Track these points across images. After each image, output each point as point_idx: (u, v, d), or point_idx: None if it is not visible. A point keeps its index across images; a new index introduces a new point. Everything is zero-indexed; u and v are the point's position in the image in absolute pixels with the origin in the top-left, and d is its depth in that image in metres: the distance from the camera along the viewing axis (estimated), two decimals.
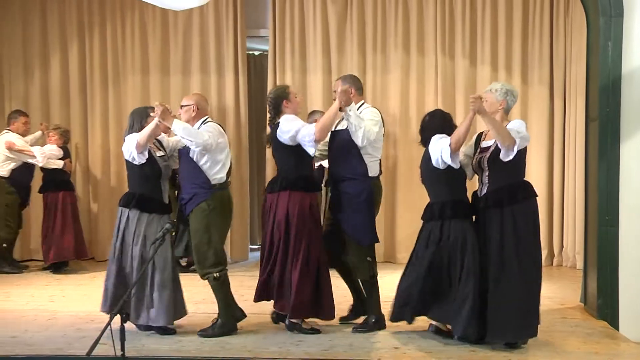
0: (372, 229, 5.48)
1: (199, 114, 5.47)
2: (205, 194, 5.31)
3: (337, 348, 5.06)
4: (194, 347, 5.11)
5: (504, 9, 8.57)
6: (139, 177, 5.41)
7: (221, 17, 8.93)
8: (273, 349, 5.05)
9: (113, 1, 9.04)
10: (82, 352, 4.23)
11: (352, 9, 8.77)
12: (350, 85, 5.46)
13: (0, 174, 8.16)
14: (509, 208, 4.92)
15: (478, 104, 4.81)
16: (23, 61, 9.14)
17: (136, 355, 4.77)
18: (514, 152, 4.86)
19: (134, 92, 9.01)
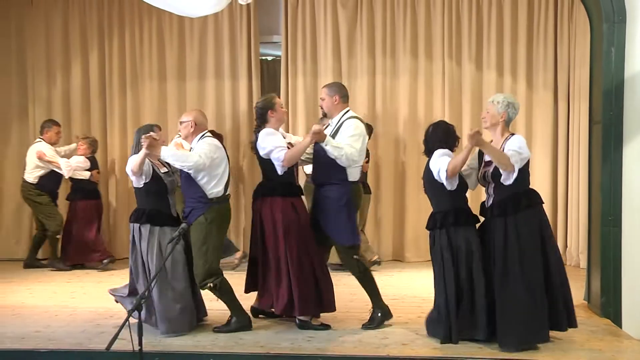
0: (352, 231, 5.51)
1: (197, 129, 5.50)
2: (202, 207, 5.36)
3: (346, 344, 5.06)
4: (209, 342, 5.13)
5: (509, 15, 8.53)
6: (145, 194, 5.46)
7: (235, 24, 8.94)
8: (285, 345, 5.06)
9: (132, 9, 9.07)
10: (102, 347, 4.24)
11: (362, 14, 8.76)
12: (334, 94, 5.56)
13: (29, 180, 8.24)
14: (512, 217, 4.91)
15: (477, 138, 4.77)
16: (46, 67, 9.19)
17: (153, 350, 4.79)
18: (515, 174, 4.88)
19: (152, 97, 9.05)
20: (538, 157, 8.49)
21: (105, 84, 9.20)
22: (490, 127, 5.14)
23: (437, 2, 8.65)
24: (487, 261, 4.99)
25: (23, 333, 5.43)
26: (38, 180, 8.23)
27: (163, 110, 9.08)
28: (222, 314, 5.60)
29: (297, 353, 4.87)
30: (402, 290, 6.85)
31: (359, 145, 5.39)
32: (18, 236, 9.19)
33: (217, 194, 5.40)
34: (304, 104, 8.84)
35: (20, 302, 6.60)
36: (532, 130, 8.56)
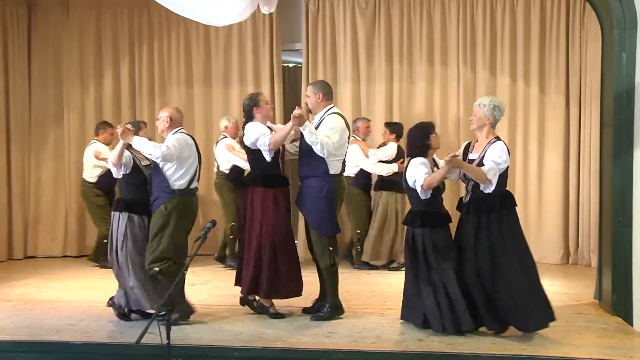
0: (332, 222, 5.53)
1: (172, 124, 5.63)
2: (165, 197, 5.46)
3: (365, 339, 5.04)
4: (233, 337, 5.13)
5: (522, 23, 8.47)
6: (125, 184, 5.65)
7: (258, 32, 8.97)
8: (306, 340, 5.05)
9: (160, 19, 9.13)
10: (132, 340, 4.25)
11: (380, 23, 8.75)
12: (318, 91, 5.60)
13: (89, 180, 8.32)
14: (485, 216, 5.01)
15: (454, 162, 4.91)
16: (80, 76, 9.26)
17: (179, 343, 4.80)
18: (493, 186, 4.97)
19: (179, 102, 9.07)
20: (550, 160, 8.43)
21: (135, 91, 9.27)
22: (477, 129, 5.21)
23: (452, 10, 8.62)
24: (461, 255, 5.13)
25: (59, 326, 5.48)
26: (97, 179, 8.29)
27: (190, 115, 9.12)
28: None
29: (318, 348, 4.86)
30: None
31: (336, 137, 5.40)
32: (54, 234, 9.28)
33: (180, 186, 5.49)
34: None
35: (56, 296, 6.66)
36: (545, 134, 8.48)
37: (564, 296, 6.54)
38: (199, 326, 5.45)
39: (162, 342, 3.84)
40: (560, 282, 7.24)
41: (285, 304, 5.86)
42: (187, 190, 5.54)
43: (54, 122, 9.28)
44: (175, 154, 5.38)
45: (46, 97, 9.27)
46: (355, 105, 8.81)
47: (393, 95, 8.77)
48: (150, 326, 3.78)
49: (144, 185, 5.62)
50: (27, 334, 5.29)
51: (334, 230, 5.55)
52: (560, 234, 8.45)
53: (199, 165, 5.68)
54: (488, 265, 4.98)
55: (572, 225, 8.43)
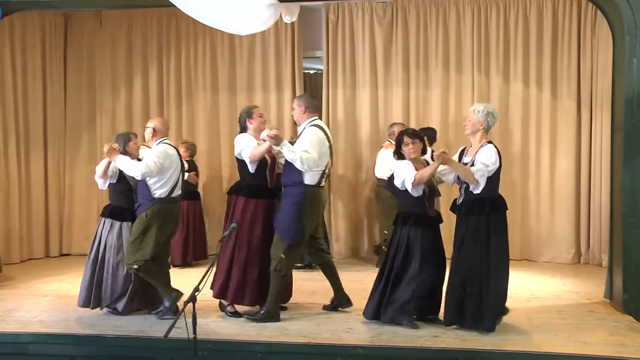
0: (295, 230, 5.38)
1: (156, 135, 5.70)
2: (147, 205, 5.53)
3: (383, 335, 5.01)
4: (256, 332, 5.14)
5: (535, 30, 8.40)
6: (113, 192, 5.82)
7: (281, 40, 8.98)
8: (326, 335, 5.04)
9: (187, 28, 9.17)
10: (160, 334, 4.28)
11: (397, 31, 8.72)
12: (302, 105, 5.57)
13: None
14: (475, 217, 5.03)
15: (442, 157, 5.00)
16: (111, 82, 9.34)
17: (205, 338, 4.81)
18: (481, 186, 5.00)
19: (205, 108, 9.14)
20: (562, 163, 8.35)
21: (164, 97, 9.32)
22: (471, 134, 5.23)
23: (467, 18, 8.57)
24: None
25: (93, 320, 5.52)
26: None
27: (215, 120, 9.17)
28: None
29: (337, 343, 4.85)
30: None
31: (314, 151, 5.34)
32: (87, 232, 9.33)
33: (161, 195, 5.55)
34: (343, 113, 8.84)
35: None
36: (557, 137, 8.40)
37: (576, 295, 6.48)
38: (224, 322, 5.46)
39: (189, 337, 3.85)
40: (571, 281, 7.16)
41: (307, 302, 5.88)
42: (168, 199, 5.60)
43: (87, 126, 9.36)
44: (155, 170, 5.45)
45: (80, 102, 9.37)
46: (373, 110, 8.78)
47: (410, 100, 8.74)
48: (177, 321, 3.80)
49: (131, 194, 5.73)
50: (63, 327, 5.35)
51: (293, 238, 5.38)
52: (571, 235, 8.37)
53: (181, 175, 5.75)
54: (472, 264, 5.00)
55: (583, 226, 8.33)
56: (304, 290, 6.57)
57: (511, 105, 8.50)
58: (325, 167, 5.56)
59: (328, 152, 5.58)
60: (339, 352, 4.76)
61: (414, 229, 5.17)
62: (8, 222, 8.32)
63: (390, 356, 4.73)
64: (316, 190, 5.50)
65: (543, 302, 6.16)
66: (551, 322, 5.41)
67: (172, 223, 5.69)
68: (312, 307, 5.90)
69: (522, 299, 6.23)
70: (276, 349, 4.84)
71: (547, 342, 4.79)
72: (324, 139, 5.50)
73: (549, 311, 5.79)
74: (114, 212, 5.73)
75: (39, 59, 8.91)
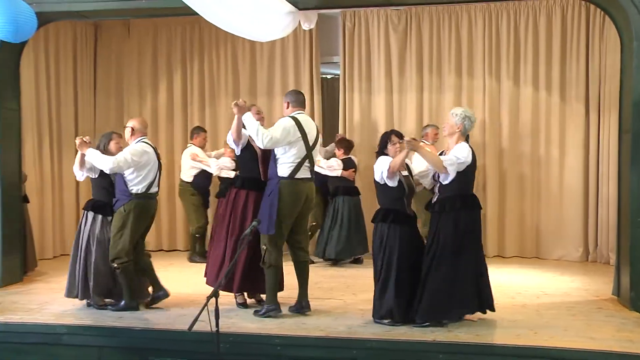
0: (269, 222, 5.29)
1: (135, 134, 5.77)
2: (124, 200, 5.62)
3: (397, 330, 4.99)
4: (275, 325, 5.14)
5: (544, 35, 8.31)
6: (95, 187, 5.88)
7: (299, 46, 8.98)
8: (342, 329, 5.03)
9: (210, 35, 9.21)
10: (184, 327, 4.30)
11: (411, 37, 8.68)
12: (287, 100, 5.63)
13: (185, 180, 8.38)
14: (445, 214, 5.03)
15: (412, 144, 4.97)
16: (138, 87, 9.40)
17: (227, 331, 4.83)
18: (450, 176, 5.03)
19: (227, 111, 9.14)
20: (571, 164, 8.27)
21: (187, 101, 9.36)
22: (448, 136, 5.23)
23: (478, 25, 8.51)
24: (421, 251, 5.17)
25: (120, 313, 5.56)
26: (193, 179, 8.35)
27: None
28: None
29: (353, 337, 4.84)
30: None
31: (276, 133, 5.29)
32: None
33: (138, 190, 5.62)
34: (359, 116, 8.82)
35: None
36: (566, 140, 8.31)
37: (584, 292, 6.41)
38: (245, 316, 5.48)
39: (212, 330, 3.86)
40: (580, 279, 7.08)
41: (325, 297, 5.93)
42: (145, 195, 5.67)
43: (115, 128, 9.28)
44: (125, 166, 5.52)
45: (109, 106, 9.44)
46: (388, 114, 8.76)
47: (423, 104, 8.70)
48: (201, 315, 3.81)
49: (112, 188, 5.77)
50: (93, 319, 5.41)
51: (266, 230, 5.30)
52: (580, 234, 8.28)
53: (158, 172, 5.81)
54: (435, 259, 5.00)
55: (592, 226, 8.24)
56: (322, 286, 6.58)
57: (521, 109, 8.43)
58: (302, 159, 5.40)
59: (300, 143, 5.39)
60: (355, 346, 4.76)
61: (392, 225, 5.12)
62: (42, 219, 8.40)
63: (403, 350, 4.71)
64: (290, 183, 5.36)
65: (553, 298, 6.10)
66: (561, 318, 5.36)
67: (148, 218, 5.80)
68: (329, 302, 5.90)
69: (532, 296, 6.19)
70: (295, 342, 4.84)
71: (556, 338, 4.75)
72: (293, 128, 5.36)
73: (559, 307, 5.73)
74: (96, 206, 5.78)
75: (71, 65, 9.00)
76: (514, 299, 6.03)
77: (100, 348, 5.09)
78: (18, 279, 6.92)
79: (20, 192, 7.07)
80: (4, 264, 6.69)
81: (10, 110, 6.83)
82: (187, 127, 9.27)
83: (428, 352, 4.66)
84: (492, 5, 8.40)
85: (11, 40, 5.15)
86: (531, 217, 8.43)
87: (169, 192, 9.18)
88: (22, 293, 6.40)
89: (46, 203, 8.51)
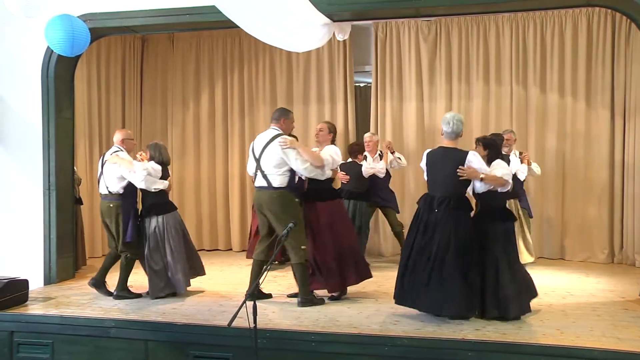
0: None
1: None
2: None
3: (428, 327, 4.95)
4: (311, 323, 5.15)
5: (570, 43, 8.16)
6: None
7: (333, 56, 9.00)
8: (374, 327, 5.01)
9: (249, 47, 9.29)
10: (224, 323, 4.33)
11: (441, 46, 8.62)
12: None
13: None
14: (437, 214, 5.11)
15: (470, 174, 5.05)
16: (182, 95, 9.53)
17: (265, 327, 4.87)
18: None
19: (265, 119, 9.17)
20: (596, 169, 8.09)
21: (228, 109, 9.44)
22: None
23: (505, 33, 8.41)
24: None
25: (164, 309, 5.64)
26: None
27: None
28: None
29: (385, 334, 4.82)
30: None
31: None
32: None
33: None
34: (391, 123, 8.78)
35: None
36: (591, 145, 8.15)
37: (610, 293, 6.26)
38: (282, 312, 5.49)
39: (250, 326, 3.89)
40: (605, 280, 6.93)
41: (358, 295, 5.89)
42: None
43: (160, 135, 9.57)
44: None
45: (154, 115, 9.60)
46: (419, 121, 8.70)
47: (453, 111, 8.61)
48: (240, 311, 3.84)
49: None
50: (138, 314, 5.49)
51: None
52: (605, 236, 8.10)
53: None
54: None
55: (617, 228, 8.05)
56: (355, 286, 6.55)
57: (548, 115, 8.29)
58: (253, 171, 5.81)
59: (250, 158, 5.86)
60: (386, 342, 4.73)
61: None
62: (92, 220, 8.58)
63: (433, 347, 4.67)
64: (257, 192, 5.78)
65: (578, 299, 5.98)
66: (586, 318, 5.25)
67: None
68: (362, 300, 5.89)
69: (558, 296, 6.07)
70: (329, 338, 4.84)
71: (582, 337, 4.65)
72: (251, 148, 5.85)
73: (584, 308, 5.61)
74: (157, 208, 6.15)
75: (120, 76, 9.18)
76: (541, 299, 5.90)
77: (146, 342, 5.17)
78: (71, 275, 7.09)
79: (73, 195, 7.24)
80: (59, 261, 6.86)
81: (65, 119, 7.00)
82: (228, 133, 9.36)
83: (457, 349, 4.61)
84: (519, 15, 8.29)
85: (67, 55, 5.31)
86: (556, 220, 8.27)
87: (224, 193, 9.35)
88: (74, 289, 6.55)
89: (95, 204, 8.66)
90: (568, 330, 4.85)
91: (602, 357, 4.37)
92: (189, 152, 9.31)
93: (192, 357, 5.05)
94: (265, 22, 5.61)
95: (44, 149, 6.82)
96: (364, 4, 6.14)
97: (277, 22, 5.67)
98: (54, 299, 6.07)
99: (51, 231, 6.81)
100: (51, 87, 6.79)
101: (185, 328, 5.13)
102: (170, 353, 5.11)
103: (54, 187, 6.81)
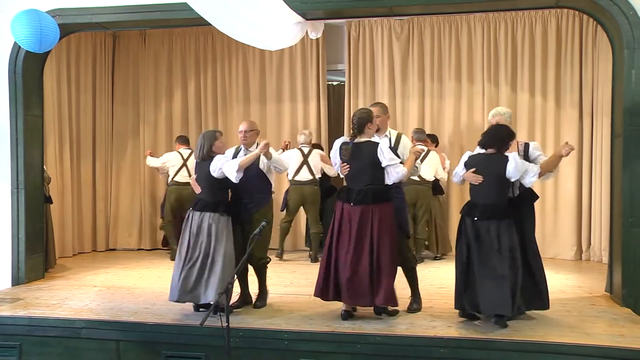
0: None
1: None
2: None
3: (400, 326, 4.97)
4: (283, 322, 5.13)
5: (540, 44, 8.30)
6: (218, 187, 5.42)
7: (306, 54, 9.00)
8: (347, 325, 5.00)
9: (222, 45, 9.24)
10: (196, 323, 4.30)
11: (413, 45, 8.69)
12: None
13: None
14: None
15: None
16: (154, 93, 9.44)
17: (237, 326, 4.83)
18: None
19: (238, 117, 9.15)
20: (565, 166, 8.21)
21: (201, 108, 9.39)
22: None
23: (477, 33, 8.51)
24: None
25: (135, 309, 5.58)
26: None
27: None
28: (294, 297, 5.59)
29: (358, 332, 4.83)
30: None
31: None
32: (130, 230, 9.47)
33: None
34: None
35: (133, 283, 6.77)
36: (560, 143, 8.24)
37: (578, 289, 6.38)
38: (255, 311, 5.47)
39: (222, 325, 3.87)
40: (574, 276, 7.05)
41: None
42: None
43: (132, 134, 9.47)
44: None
45: (126, 113, 9.48)
46: (392, 119, 8.72)
47: (425, 109, 8.70)
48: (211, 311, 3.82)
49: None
50: (110, 314, 5.41)
51: None
52: (573, 233, 8.25)
53: None
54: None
55: (585, 226, 8.21)
56: None
57: (519, 114, 8.41)
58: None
59: None
60: (359, 340, 4.74)
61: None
62: (62, 219, 8.45)
63: (405, 344, 4.69)
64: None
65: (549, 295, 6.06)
66: (556, 314, 5.32)
67: None
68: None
69: None
70: (302, 337, 4.83)
71: (551, 333, 4.73)
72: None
73: (554, 304, 5.65)
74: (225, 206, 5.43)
75: (90, 74, 9.05)
76: None
77: (117, 342, 5.10)
78: (40, 275, 6.96)
79: (42, 194, 7.11)
80: (28, 261, 6.72)
81: (34, 117, 6.86)
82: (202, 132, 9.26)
83: (430, 346, 4.64)
84: (490, 15, 8.40)
85: (35, 51, 5.19)
86: None
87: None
88: (44, 289, 6.44)
89: (66, 204, 8.56)
90: (537, 325, 4.92)
91: (571, 351, 4.44)
92: (161, 151, 9.21)
93: (164, 357, 5.00)
94: (237, 20, 5.57)
95: (12, 147, 6.67)
96: (337, 2, 6.15)
97: (250, 20, 5.63)
98: (22, 299, 5.95)
99: (20, 230, 6.67)
100: (19, 84, 6.64)
101: (157, 328, 5.07)
102: (142, 353, 5.05)
103: (23, 185, 6.67)
